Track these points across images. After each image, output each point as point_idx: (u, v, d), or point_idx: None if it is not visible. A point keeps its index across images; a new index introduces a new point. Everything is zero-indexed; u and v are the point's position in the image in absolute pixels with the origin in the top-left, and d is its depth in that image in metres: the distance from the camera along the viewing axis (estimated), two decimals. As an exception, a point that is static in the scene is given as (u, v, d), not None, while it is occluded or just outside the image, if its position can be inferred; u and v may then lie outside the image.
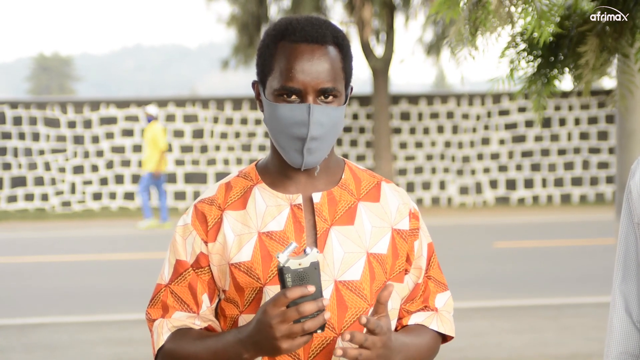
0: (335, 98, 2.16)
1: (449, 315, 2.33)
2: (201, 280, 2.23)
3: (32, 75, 76.93)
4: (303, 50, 2.14)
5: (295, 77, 2.12)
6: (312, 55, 2.14)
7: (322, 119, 2.13)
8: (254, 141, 21.28)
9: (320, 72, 2.13)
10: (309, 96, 2.13)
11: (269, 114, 2.18)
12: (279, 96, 2.15)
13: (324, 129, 2.14)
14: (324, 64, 2.14)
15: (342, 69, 2.18)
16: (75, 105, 21.09)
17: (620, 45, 4.15)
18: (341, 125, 2.19)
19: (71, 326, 8.71)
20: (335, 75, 2.15)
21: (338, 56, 2.18)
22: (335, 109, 2.15)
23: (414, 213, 2.29)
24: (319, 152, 2.17)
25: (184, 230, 2.25)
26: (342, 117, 2.19)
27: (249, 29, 21.64)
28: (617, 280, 2.35)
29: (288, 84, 2.13)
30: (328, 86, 2.13)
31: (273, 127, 2.17)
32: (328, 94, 2.14)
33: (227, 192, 2.26)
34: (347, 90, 2.21)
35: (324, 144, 2.16)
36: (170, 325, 2.22)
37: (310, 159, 2.16)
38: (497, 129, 21.67)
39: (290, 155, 2.16)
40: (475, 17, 3.99)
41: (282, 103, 2.14)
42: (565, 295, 9.78)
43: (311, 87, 2.13)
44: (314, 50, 2.15)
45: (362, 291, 2.18)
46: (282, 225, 2.18)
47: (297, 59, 2.14)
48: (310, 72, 2.13)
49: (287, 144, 2.16)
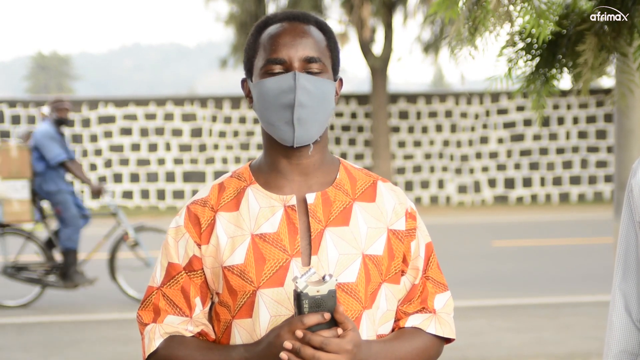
0: (322, 73, 2.14)
1: (449, 317, 2.28)
2: (194, 283, 2.19)
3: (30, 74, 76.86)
4: (285, 27, 2.16)
5: (279, 49, 2.13)
6: (294, 30, 2.15)
7: (309, 86, 2.11)
8: (253, 140, 21.27)
9: (305, 43, 2.13)
10: (295, 64, 2.12)
11: (257, 93, 2.15)
12: (265, 73, 2.14)
13: (312, 97, 2.11)
14: (307, 37, 2.15)
15: (327, 47, 2.18)
16: (74, 104, 21.08)
17: (619, 45, 4.15)
18: (331, 102, 2.16)
19: (69, 325, 8.70)
20: (319, 49, 2.15)
21: (322, 36, 2.18)
22: (323, 81, 2.13)
23: (411, 213, 2.24)
24: (309, 124, 2.13)
25: (177, 233, 2.21)
26: (332, 93, 2.16)
27: (247, 28, 21.64)
28: (617, 278, 2.34)
29: (272, 56, 2.12)
30: (313, 55, 2.13)
31: (262, 105, 2.15)
32: (314, 65, 2.13)
33: (220, 193, 2.22)
34: (335, 74, 2.19)
35: (313, 115, 2.12)
36: (162, 331, 2.19)
37: (301, 132, 2.12)
38: (496, 127, 21.67)
39: (280, 130, 2.13)
40: (474, 17, 3.98)
41: (269, 77, 2.13)
42: (564, 294, 9.78)
43: (296, 57, 2.12)
44: (297, 26, 2.16)
45: (358, 293, 2.14)
46: (275, 227, 2.15)
47: (280, 34, 2.14)
48: (294, 44, 2.13)
49: (276, 117, 2.12)
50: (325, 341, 1.96)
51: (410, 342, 2.20)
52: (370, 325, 2.17)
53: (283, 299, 2.11)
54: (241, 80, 2.26)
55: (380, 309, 2.19)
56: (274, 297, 2.12)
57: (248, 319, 2.14)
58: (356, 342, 2.01)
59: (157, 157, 20.96)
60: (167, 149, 21.13)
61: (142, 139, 21.06)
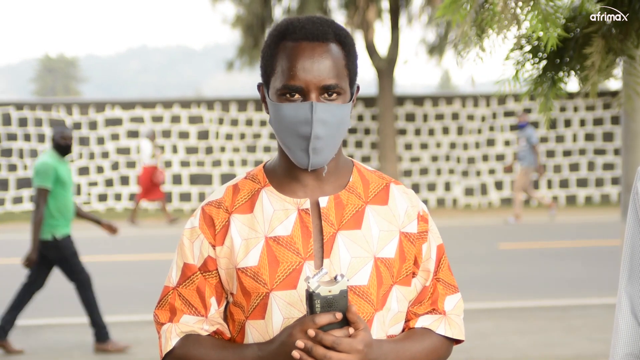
0: (339, 96, 2.12)
1: (458, 319, 2.30)
2: (209, 283, 2.21)
3: (37, 77, 77.01)
4: (304, 48, 2.11)
5: (297, 76, 2.10)
6: (313, 53, 2.11)
7: (326, 117, 2.10)
8: (259, 142, 21.28)
9: (322, 69, 2.10)
10: (312, 94, 2.10)
11: (273, 114, 2.15)
12: (281, 95, 2.12)
13: (328, 127, 2.11)
14: (326, 61, 2.11)
15: (346, 66, 2.15)
16: (81, 106, 21.11)
17: (626, 47, 4.15)
18: (347, 123, 2.16)
19: (76, 327, 8.72)
20: (338, 72, 2.12)
21: (341, 53, 2.14)
22: (339, 107, 2.12)
23: (423, 215, 2.26)
24: (325, 152, 2.14)
25: (192, 233, 2.23)
26: (348, 115, 2.15)
27: (254, 30, 21.64)
28: (623, 281, 2.34)
29: (290, 83, 2.10)
30: (331, 83, 2.10)
31: (278, 127, 2.15)
32: (331, 91, 2.11)
33: (235, 195, 2.23)
34: (352, 88, 2.18)
35: (329, 143, 2.13)
36: (178, 330, 2.21)
37: (316, 159, 2.13)
38: (503, 130, 21.65)
39: (296, 155, 2.14)
40: (481, 19, 3.99)
41: (286, 103, 2.11)
42: (570, 296, 9.77)
43: (313, 85, 2.10)
44: (315, 47, 2.12)
45: (370, 296, 2.16)
46: (289, 230, 2.16)
47: (299, 57, 2.11)
48: (312, 70, 2.10)
49: (293, 143, 2.13)
50: (336, 340, 1.98)
51: (420, 342, 2.22)
52: (380, 327, 2.19)
53: (296, 301, 2.13)
54: (258, 84, 2.25)
55: (391, 311, 2.21)
56: (287, 299, 2.14)
57: (261, 320, 2.16)
58: (367, 342, 2.03)
59: (164, 160, 20.98)
60: (173, 151, 21.15)
61: (149, 142, 21.07)
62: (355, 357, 2.00)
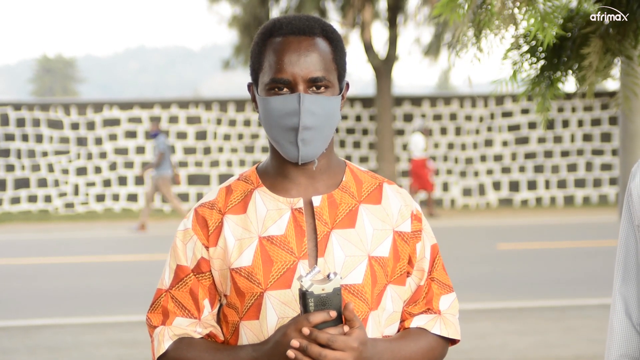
0: (327, 89, 2.14)
1: (454, 318, 2.30)
2: (202, 285, 2.21)
3: (35, 77, 76.95)
4: (291, 42, 2.14)
5: (284, 69, 2.12)
6: (299, 46, 2.13)
7: (313, 107, 2.11)
8: (257, 143, 21.29)
9: (310, 62, 2.12)
10: (299, 86, 2.11)
11: (262, 109, 2.16)
12: (270, 90, 2.14)
13: (317, 118, 2.12)
14: (313, 54, 2.13)
15: (333, 60, 2.16)
16: (79, 106, 21.11)
17: (624, 47, 4.15)
18: (336, 117, 2.17)
19: (75, 328, 8.71)
20: (325, 65, 2.14)
21: (328, 48, 2.16)
22: (328, 99, 2.13)
23: (417, 215, 2.26)
24: (314, 143, 2.14)
25: (185, 235, 2.23)
26: (337, 108, 2.16)
27: (251, 30, 21.65)
28: (617, 282, 2.34)
29: (277, 76, 2.12)
30: (318, 75, 2.12)
31: (267, 122, 2.16)
32: (319, 84, 2.13)
33: (228, 196, 2.24)
34: (341, 83, 2.19)
35: (318, 134, 2.14)
36: (171, 333, 2.20)
37: (305, 151, 2.14)
38: (500, 130, 21.66)
39: (286, 149, 2.15)
40: (478, 20, 3.99)
41: (274, 96, 2.13)
42: (569, 297, 9.77)
43: (301, 77, 2.11)
44: (302, 41, 2.14)
45: (364, 295, 2.16)
46: (283, 230, 2.16)
47: (285, 51, 2.13)
48: (299, 63, 2.12)
49: (281, 136, 2.14)
50: (331, 338, 1.98)
51: (416, 342, 2.22)
52: (376, 326, 2.18)
53: (290, 300, 2.13)
54: (247, 84, 2.27)
55: (386, 311, 2.21)
56: (281, 299, 2.14)
57: (255, 321, 2.16)
58: (362, 339, 2.03)
59: (162, 160, 20.96)
60: (171, 151, 21.16)
61: (147, 142, 21.08)
62: (350, 355, 2.00)
